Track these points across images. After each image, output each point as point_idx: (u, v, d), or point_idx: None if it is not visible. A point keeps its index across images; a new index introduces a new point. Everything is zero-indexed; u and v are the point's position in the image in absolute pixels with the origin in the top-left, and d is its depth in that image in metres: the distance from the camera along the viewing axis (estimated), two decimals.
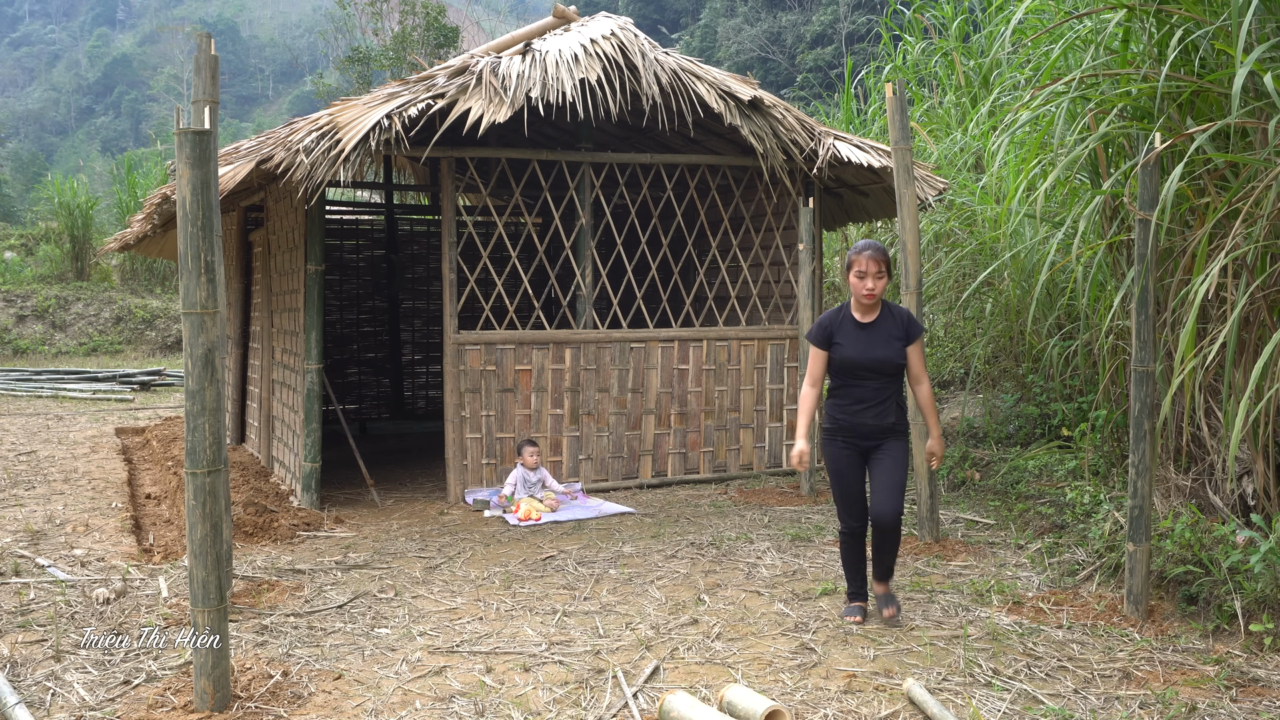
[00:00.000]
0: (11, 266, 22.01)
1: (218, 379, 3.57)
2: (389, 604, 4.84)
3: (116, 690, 3.78)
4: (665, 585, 5.12)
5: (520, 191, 7.79)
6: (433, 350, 12.07)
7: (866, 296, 4.35)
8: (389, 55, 23.79)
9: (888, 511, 4.40)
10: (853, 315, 4.45)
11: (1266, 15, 4.83)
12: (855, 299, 4.42)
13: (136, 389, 15.13)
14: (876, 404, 4.42)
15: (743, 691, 3.46)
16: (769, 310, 8.53)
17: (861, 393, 4.42)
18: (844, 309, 4.48)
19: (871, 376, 4.40)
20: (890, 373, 4.42)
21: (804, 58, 32.27)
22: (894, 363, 4.40)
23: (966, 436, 8.05)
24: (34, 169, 44.88)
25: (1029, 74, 7.65)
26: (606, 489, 7.63)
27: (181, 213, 3.50)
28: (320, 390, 7.08)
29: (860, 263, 4.33)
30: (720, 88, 7.28)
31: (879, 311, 4.46)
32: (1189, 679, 3.84)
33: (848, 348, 4.40)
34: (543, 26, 7.81)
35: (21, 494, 7.47)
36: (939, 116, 10.98)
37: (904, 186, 5.89)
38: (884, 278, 4.35)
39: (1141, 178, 4.53)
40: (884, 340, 4.40)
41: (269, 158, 6.28)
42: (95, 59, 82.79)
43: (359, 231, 11.91)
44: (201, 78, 4.20)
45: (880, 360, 4.38)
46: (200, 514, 3.52)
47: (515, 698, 3.70)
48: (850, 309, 4.47)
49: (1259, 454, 4.77)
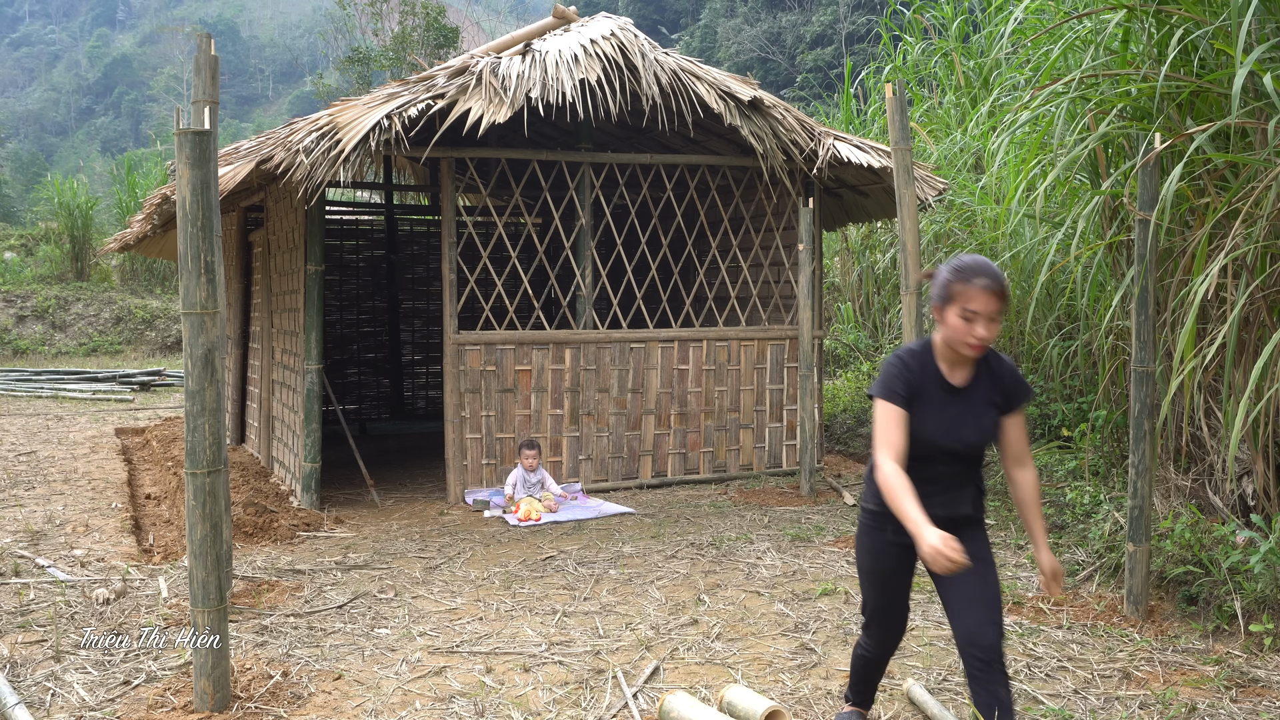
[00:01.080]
0: (11, 267, 22.01)
1: (218, 379, 3.57)
2: (389, 604, 4.84)
3: (116, 690, 3.78)
4: (665, 585, 5.12)
5: (520, 192, 7.79)
6: (433, 350, 12.07)
7: (974, 348, 2.91)
8: (389, 56, 23.80)
9: (990, 638, 2.92)
10: (939, 367, 3.02)
11: (1266, 15, 4.83)
12: (950, 346, 2.96)
13: (136, 389, 15.12)
14: (950, 491, 3.05)
15: (743, 691, 3.46)
16: (769, 310, 8.53)
17: (931, 475, 3.01)
18: (927, 355, 3.03)
19: (951, 461, 3.03)
20: (977, 456, 3.09)
21: (804, 58, 32.28)
22: (985, 445, 3.08)
23: None
24: (34, 169, 44.89)
25: (1029, 74, 7.66)
26: (606, 489, 7.63)
27: (181, 213, 3.50)
28: (320, 390, 7.08)
29: (974, 298, 2.85)
30: (720, 88, 7.28)
31: (976, 368, 3.04)
32: (1189, 679, 3.84)
33: (929, 422, 2.98)
34: (543, 27, 7.81)
35: (21, 494, 7.47)
36: (939, 117, 10.98)
37: (904, 187, 5.89)
38: (999, 322, 2.92)
39: (1141, 178, 4.53)
40: (978, 413, 3.02)
41: (269, 158, 6.28)
42: (95, 59, 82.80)
43: (359, 231, 11.90)
44: (201, 78, 4.20)
45: (969, 444, 3.02)
46: (200, 514, 3.52)
47: (515, 698, 3.70)
48: (936, 357, 3.03)
49: (1259, 454, 4.77)
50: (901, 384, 2.97)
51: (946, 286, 2.91)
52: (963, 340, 2.91)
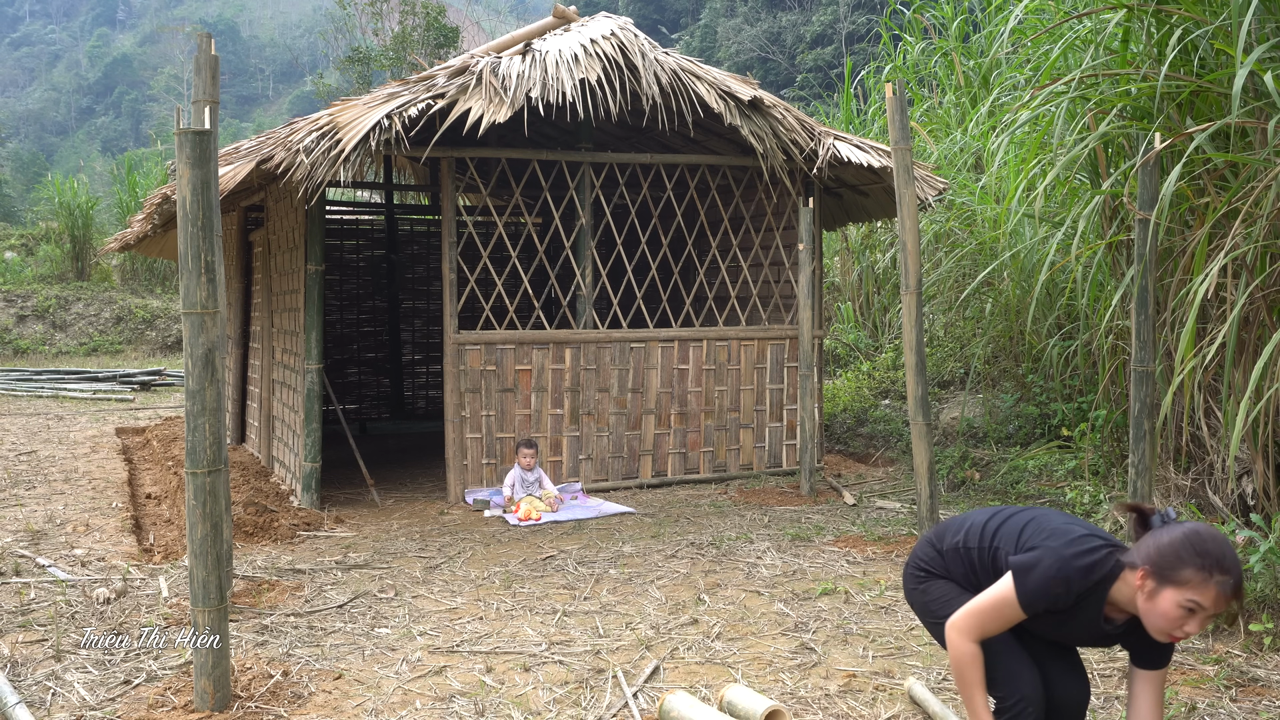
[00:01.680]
0: (12, 266, 22.01)
1: (218, 379, 3.58)
2: (389, 604, 4.84)
3: (117, 690, 3.78)
4: (665, 585, 5.12)
5: (520, 191, 7.79)
6: (433, 350, 12.07)
7: (1174, 639, 2.53)
8: (389, 55, 23.79)
9: (1084, 692, 2.85)
10: (1099, 613, 2.63)
11: (1266, 15, 4.83)
12: (1143, 619, 2.53)
13: (137, 389, 15.13)
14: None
15: (743, 691, 3.46)
16: (769, 310, 8.53)
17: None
18: (1096, 597, 2.59)
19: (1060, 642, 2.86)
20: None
21: (804, 58, 32.28)
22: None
23: (966, 436, 8.05)
24: (34, 169, 44.89)
25: (1029, 74, 7.66)
26: (606, 489, 7.63)
27: (181, 213, 3.51)
28: (320, 390, 7.09)
29: (1209, 597, 2.41)
30: (720, 88, 7.28)
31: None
32: (1189, 679, 3.84)
33: (1047, 626, 2.73)
34: (543, 27, 7.81)
35: (22, 494, 7.47)
36: (939, 116, 10.98)
37: (904, 186, 5.89)
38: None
39: (1141, 178, 4.53)
40: (1099, 636, 2.72)
41: (269, 158, 6.28)
42: (95, 59, 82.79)
43: (359, 231, 11.91)
44: (201, 78, 4.20)
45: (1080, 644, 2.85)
46: (200, 514, 3.53)
47: (515, 698, 3.70)
48: (1109, 596, 2.59)
49: (1258, 454, 4.77)
50: (1046, 605, 2.60)
51: (1179, 569, 2.42)
52: (1167, 630, 2.48)
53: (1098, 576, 2.54)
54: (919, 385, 5.83)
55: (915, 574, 3.02)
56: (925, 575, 2.99)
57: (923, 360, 5.85)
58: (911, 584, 3.04)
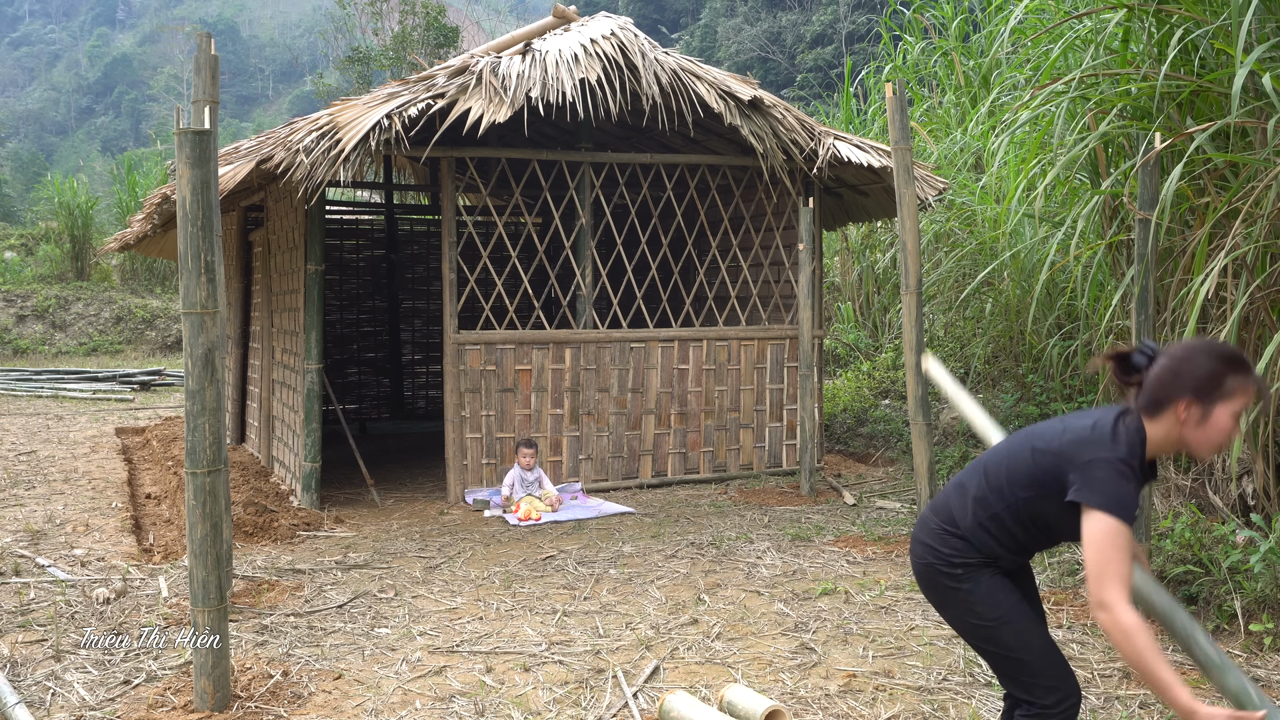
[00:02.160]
0: (11, 266, 22.01)
1: (218, 379, 3.57)
2: (389, 604, 4.84)
3: (116, 690, 3.78)
4: (665, 585, 5.12)
5: (520, 191, 7.79)
6: (433, 350, 12.07)
7: (1217, 449, 2.49)
8: (389, 55, 23.79)
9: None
10: (1144, 466, 2.50)
11: (1266, 15, 4.83)
12: (1188, 445, 2.47)
13: (136, 389, 15.12)
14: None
15: (743, 691, 3.46)
16: (769, 310, 8.53)
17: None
18: (1140, 457, 2.46)
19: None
20: None
21: (804, 58, 32.28)
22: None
23: (966, 437, 8.05)
24: (34, 169, 44.88)
25: (1029, 74, 7.66)
26: (606, 489, 7.63)
27: (181, 213, 3.50)
28: (320, 390, 7.09)
29: (1250, 395, 2.43)
30: (720, 88, 7.28)
31: None
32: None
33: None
34: (543, 26, 7.81)
35: (21, 494, 7.47)
36: (939, 116, 10.98)
37: (904, 186, 5.89)
38: None
39: (1141, 177, 4.53)
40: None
41: (269, 158, 6.28)
42: (95, 59, 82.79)
43: (359, 231, 11.90)
44: (201, 78, 4.20)
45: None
46: (200, 514, 3.52)
47: (515, 698, 3.70)
48: (1147, 444, 2.48)
49: (1259, 454, 4.77)
50: (1135, 499, 2.39)
51: (1221, 383, 2.38)
52: (1221, 445, 2.43)
53: (1128, 446, 2.42)
54: (919, 385, 5.83)
55: (952, 573, 2.61)
56: (965, 571, 2.60)
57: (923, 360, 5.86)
58: (949, 585, 2.63)
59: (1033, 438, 2.60)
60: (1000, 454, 2.66)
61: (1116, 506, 2.35)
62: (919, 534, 2.73)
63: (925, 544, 2.69)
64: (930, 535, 2.68)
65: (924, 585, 2.71)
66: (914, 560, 2.73)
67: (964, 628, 2.68)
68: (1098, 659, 4.04)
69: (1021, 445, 2.60)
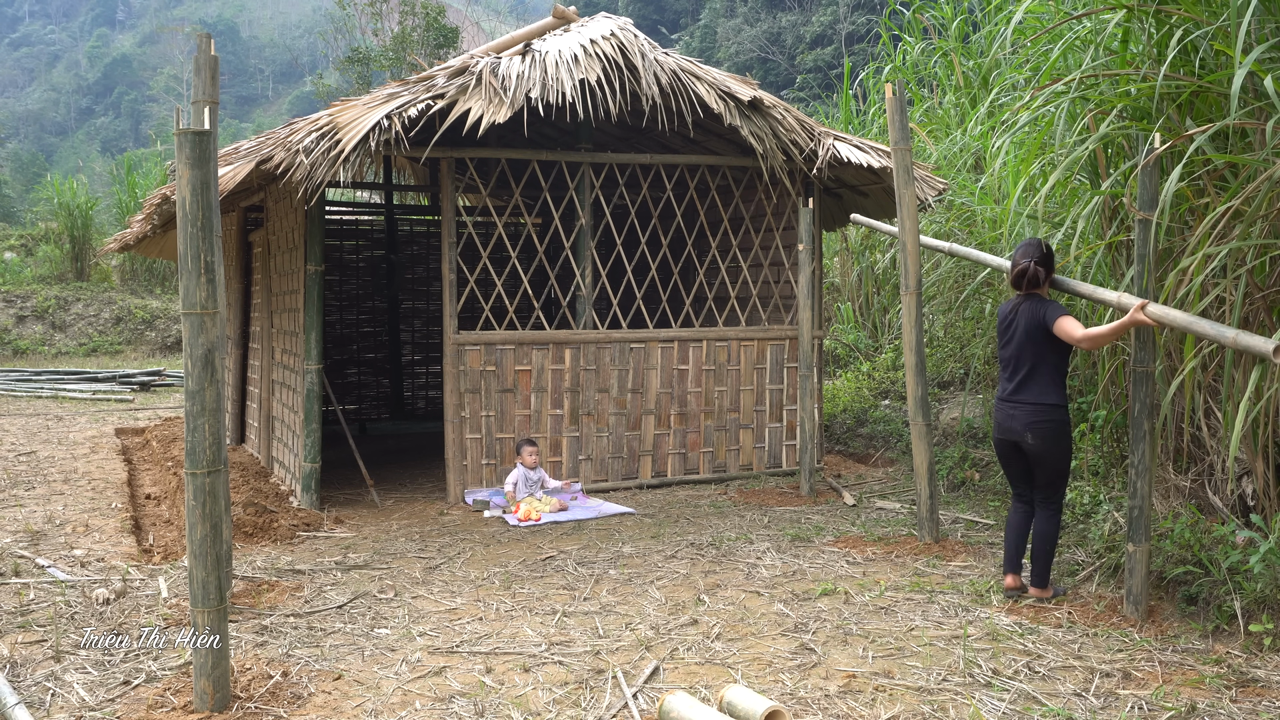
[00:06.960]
0: (11, 267, 22.00)
1: (218, 379, 3.57)
2: (389, 604, 4.84)
3: (116, 690, 3.78)
4: (665, 585, 5.12)
5: (520, 192, 7.79)
6: (433, 350, 12.07)
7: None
8: (389, 56, 23.79)
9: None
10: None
11: (1266, 15, 4.83)
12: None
13: (136, 389, 15.12)
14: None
15: (743, 691, 3.46)
16: (769, 310, 8.53)
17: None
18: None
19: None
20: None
21: (804, 58, 32.27)
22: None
23: (966, 437, 8.05)
24: (34, 169, 44.87)
25: (1029, 74, 7.66)
26: (606, 489, 7.63)
27: (181, 213, 3.51)
28: (320, 390, 7.08)
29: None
30: (720, 88, 7.28)
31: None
32: (1189, 679, 3.84)
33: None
34: (542, 27, 7.81)
35: (21, 494, 7.47)
36: (938, 117, 10.98)
37: (904, 187, 5.90)
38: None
39: (1141, 178, 4.53)
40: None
41: (269, 158, 6.28)
42: (95, 59, 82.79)
43: (359, 232, 11.91)
44: (201, 78, 4.20)
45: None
46: (200, 514, 3.53)
47: (515, 698, 3.70)
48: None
49: (1258, 454, 4.77)
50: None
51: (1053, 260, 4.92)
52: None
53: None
54: (919, 385, 5.83)
55: (1064, 426, 4.81)
56: (1068, 423, 4.88)
57: (923, 360, 5.86)
58: (1060, 434, 4.80)
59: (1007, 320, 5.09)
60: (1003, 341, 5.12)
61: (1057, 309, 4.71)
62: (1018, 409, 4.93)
63: (1033, 408, 4.84)
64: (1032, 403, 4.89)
65: (1037, 438, 4.77)
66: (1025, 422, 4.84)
67: (1056, 463, 4.79)
68: (1097, 659, 4.04)
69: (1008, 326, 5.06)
